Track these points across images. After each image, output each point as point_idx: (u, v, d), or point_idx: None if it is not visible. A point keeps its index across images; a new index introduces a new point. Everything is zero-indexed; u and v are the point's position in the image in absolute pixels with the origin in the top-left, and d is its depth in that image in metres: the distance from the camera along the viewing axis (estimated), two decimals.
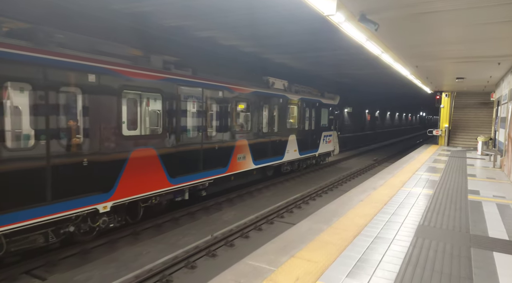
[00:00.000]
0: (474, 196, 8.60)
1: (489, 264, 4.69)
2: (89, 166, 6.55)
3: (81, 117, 6.55)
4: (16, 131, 5.82)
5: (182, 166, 8.86)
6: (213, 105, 10.12)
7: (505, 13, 6.20)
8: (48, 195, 5.94)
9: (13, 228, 5.50)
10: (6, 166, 5.38)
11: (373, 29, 6.27)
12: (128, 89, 7.58)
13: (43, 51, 5.91)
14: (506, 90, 13.67)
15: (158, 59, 8.40)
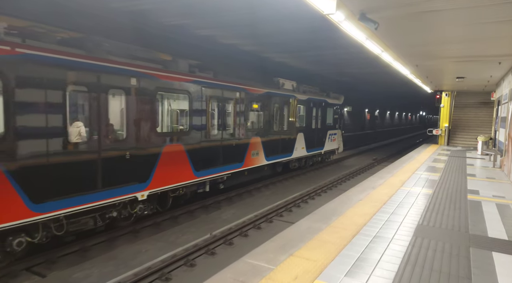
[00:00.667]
0: (474, 196, 8.60)
1: (488, 264, 4.69)
2: (131, 159, 7.44)
3: (124, 116, 7.42)
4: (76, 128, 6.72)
5: (205, 161, 9.69)
6: (231, 105, 10.98)
7: (505, 12, 6.19)
8: (99, 183, 6.79)
9: (72, 211, 6.42)
10: (68, 158, 6.34)
11: (373, 28, 6.26)
12: (162, 90, 8.41)
13: (96, 58, 6.78)
14: (507, 90, 13.66)
15: (184, 63, 9.26)
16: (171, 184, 8.58)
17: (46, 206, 5.99)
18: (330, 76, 23.39)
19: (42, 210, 5.94)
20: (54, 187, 6.11)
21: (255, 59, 15.99)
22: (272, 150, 13.24)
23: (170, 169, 8.46)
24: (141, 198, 7.76)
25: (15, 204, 5.59)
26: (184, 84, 8.90)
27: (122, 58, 7.43)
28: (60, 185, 6.19)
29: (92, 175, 6.71)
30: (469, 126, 23.15)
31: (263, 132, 12.66)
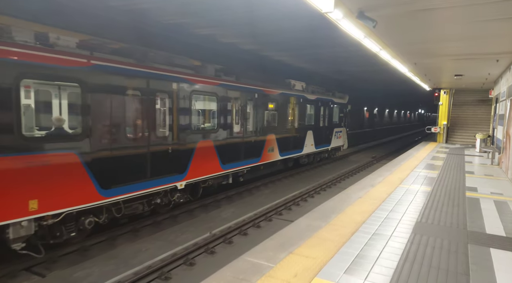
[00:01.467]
0: (472, 193, 8.64)
1: (486, 260, 4.73)
2: (172, 153, 8.52)
3: (167, 116, 8.45)
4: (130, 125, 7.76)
5: (230, 156, 10.76)
6: (250, 105, 12.03)
7: (503, 10, 6.21)
8: (148, 173, 7.88)
9: (129, 197, 7.48)
10: (126, 151, 7.40)
11: (371, 26, 6.28)
12: (196, 93, 9.44)
13: (146, 66, 7.85)
14: (505, 87, 13.70)
15: (211, 68, 10.38)
16: (203, 175, 9.70)
17: (111, 191, 7.11)
18: (328, 74, 23.41)
19: (108, 195, 7.05)
20: (117, 176, 7.22)
21: (254, 58, 15.99)
22: (285, 146, 14.27)
23: (202, 162, 9.58)
24: (180, 187, 8.89)
25: (89, 189, 6.67)
26: (213, 87, 10.02)
27: (164, 65, 8.58)
28: (121, 174, 7.29)
29: (143, 167, 7.82)
30: (468, 124, 23.21)
31: (277, 130, 13.64)
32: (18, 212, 5.66)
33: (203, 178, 9.74)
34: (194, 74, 9.40)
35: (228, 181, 11.16)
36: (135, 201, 7.95)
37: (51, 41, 6.37)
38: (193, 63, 9.87)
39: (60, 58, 6.17)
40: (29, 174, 5.75)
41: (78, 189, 6.46)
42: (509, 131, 11.50)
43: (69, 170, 6.33)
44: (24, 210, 5.71)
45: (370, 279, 4.11)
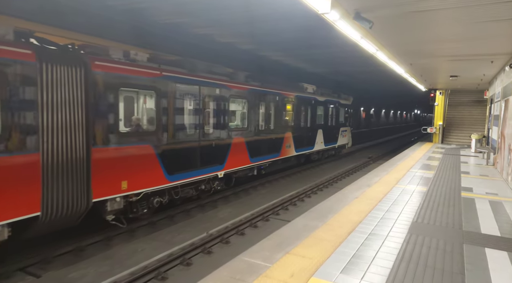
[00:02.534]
0: (468, 193, 8.69)
1: (481, 259, 4.76)
2: (215, 147, 10.22)
3: (212, 116, 10.09)
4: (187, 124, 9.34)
5: (256, 150, 12.27)
6: (273, 107, 13.54)
7: (497, 12, 6.26)
8: (199, 163, 9.50)
9: (185, 182, 9.15)
10: (185, 145, 9.08)
11: (368, 27, 6.30)
12: (232, 97, 10.97)
13: (198, 76, 9.55)
14: (499, 88, 13.80)
15: (242, 74, 11.96)
16: (236, 167, 11.32)
17: (174, 177, 8.69)
18: (325, 74, 23.46)
19: (172, 180, 8.63)
20: (178, 164, 8.78)
21: (252, 58, 16.00)
22: (300, 143, 15.78)
23: (236, 155, 11.17)
24: (220, 176, 10.54)
25: (160, 175, 8.28)
26: (244, 92, 11.60)
27: (207, 73, 10.11)
28: (181, 163, 8.90)
29: (195, 157, 9.45)
30: (463, 124, 23.34)
31: (293, 128, 15.11)
32: (115, 190, 7.28)
33: (236, 169, 11.40)
34: (230, 80, 11.02)
35: (253, 173, 12.71)
36: (187, 186, 9.53)
37: (131, 57, 7.88)
38: (227, 70, 11.37)
39: (143, 71, 7.90)
40: (122, 160, 7.38)
41: (152, 174, 8.10)
42: (504, 131, 11.58)
43: (146, 158, 7.95)
44: (118, 189, 7.34)
45: (367, 278, 4.12)
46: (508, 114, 10.63)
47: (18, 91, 5.68)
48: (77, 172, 6.46)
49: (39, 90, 5.87)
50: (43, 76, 5.93)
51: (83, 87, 6.54)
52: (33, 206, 5.87)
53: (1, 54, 5.47)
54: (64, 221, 6.51)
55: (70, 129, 6.32)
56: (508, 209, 7.40)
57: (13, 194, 5.62)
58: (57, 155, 6.12)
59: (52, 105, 6.03)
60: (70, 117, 6.31)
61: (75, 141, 6.39)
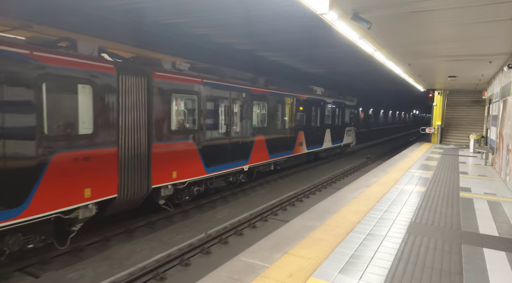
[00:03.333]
0: (466, 194, 8.71)
1: (479, 259, 4.77)
2: (241, 144, 11.65)
3: (238, 117, 11.47)
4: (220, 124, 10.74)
5: (274, 148, 13.66)
6: (288, 108, 14.88)
7: (495, 12, 6.28)
8: (229, 158, 10.96)
9: (218, 174, 10.58)
10: (219, 142, 10.54)
11: (366, 27, 6.31)
12: (255, 100, 12.41)
13: (228, 81, 10.95)
14: (498, 89, 13.83)
15: (262, 79, 13.33)
16: (258, 162, 12.69)
17: (210, 169, 10.16)
18: (324, 74, 23.49)
19: (209, 171, 10.10)
20: (213, 158, 10.21)
21: (250, 58, 16.01)
22: (311, 141, 17.13)
23: (258, 152, 12.60)
24: (245, 169, 12.02)
25: (200, 167, 9.78)
26: (264, 95, 13.01)
27: (235, 79, 11.58)
28: (215, 157, 10.31)
29: (226, 153, 10.89)
30: (461, 125, 23.36)
31: (305, 127, 16.42)
32: (167, 178, 8.67)
33: (258, 164, 12.77)
34: (253, 85, 12.41)
35: (271, 168, 14.11)
36: (219, 177, 10.94)
37: (177, 66, 9.19)
38: (249, 76, 12.83)
39: (189, 79, 9.31)
40: (173, 154, 8.79)
41: (194, 166, 9.55)
42: (502, 132, 11.60)
43: (190, 152, 9.39)
44: (170, 178, 8.75)
45: (365, 279, 4.12)
46: (507, 114, 10.65)
47: (105, 98, 7.02)
48: (142, 163, 7.90)
49: (119, 97, 7.26)
50: (120, 85, 7.31)
51: (146, 94, 7.96)
52: (112, 189, 7.26)
53: (92, 68, 6.75)
54: (130, 203, 7.92)
55: (137, 128, 7.74)
56: (506, 209, 7.41)
57: (100, 179, 6.98)
58: (128, 149, 7.54)
59: (126, 108, 7.44)
60: (137, 118, 7.73)
61: (140, 137, 7.83)
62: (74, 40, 6.92)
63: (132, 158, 7.64)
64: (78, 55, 6.68)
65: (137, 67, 7.91)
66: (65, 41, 6.93)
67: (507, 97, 10.83)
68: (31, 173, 5.84)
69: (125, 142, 7.45)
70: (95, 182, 6.86)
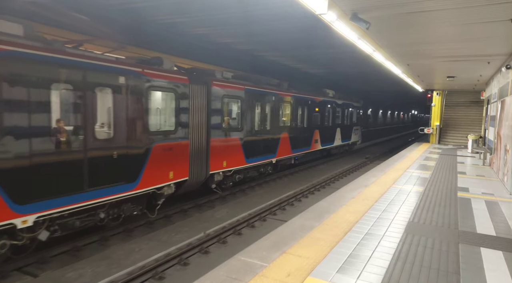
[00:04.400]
0: (464, 193, 8.74)
1: (476, 259, 4.79)
2: (271, 140, 13.77)
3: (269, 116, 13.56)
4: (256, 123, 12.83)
5: (295, 144, 15.65)
6: (307, 109, 16.95)
7: (493, 13, 6.30)
8: (262, 152, 13.11)
9: (253, 165, 12.67)
10: (255, 138, 12.63)
11: (365, 27, 6.33)
12: (281, 102, 14.47)
13: (263, 87, 13.18)
14: (496, 89, 13.87)
15: (285, 83, 15.24)
16: (283, 156, 14.69)
17: (249, 160, 12.30)
18: (322, 74, 23.51)
19: (248, 162, 12.24)
20: (252, 152, 12.33)
21: (249, 58, 16.02)
22: (324, 139, 19.22)
23: (283, 147, 14.59)
24: (273, 162, 14.06)
25: (242, 158, 11.87)
26: (289, 98, 15.03)
27: (266, 84, 13.59)
28: (253, 150, 12.45)
29: (261, 147, 13.02)
30: (460, 125, 23.41)
31: (320, 126, 18.48)
32: (219, 167, 10.76)
33: (283, 158, 14.70)
34: (279, 89, 14.37)
35: (291, 162, 16.11)
36: (253, 168, 13.02)
37: (224, 75, 11.16)
38: (276, 81, 14.67)
39: (235, 86, 11.45)
40: (224, 147, 10.92)
41: (238, 157, 11.67)
42: (500, 132, 11.64)
43: (235, 146, 11.54)
44: (221, 166, 10.84)
45: (363, 278, 4.14)
46: (504, 115, 10.69)
47: (181, 102, 9.12)
48: (203, 154, 10.03)
49: (189, 101, 9.36)
50: (191, 93, 9.42)
51: (206, 99, 10.09)
52: (185, 173, 9.34)
53: (175, 80, 8.94)
54: (194, 186, 10.11)
55: (200, 126, 9.89)
56: (503, 209, 7.45)
57: (178, 165, 9.05)
58: (195, 142, 9.68)
59: (194, 111, 9.56)
60: (200, 118, 9.87)
61: (202, 133, 9.98)
62: (161, 58, 8.84)
63: (197, 150, 9.79)
64: (167, 70, 8.76)
65: (201, 78, 10.10)
66: (156, 60, 8.79)
67: (505, 98, 10.87)
68: (141, 157, 7.91)
69: (193, 137, 9.61)
70: (176, 166, 8.96)
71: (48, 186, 6.06)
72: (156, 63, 8.70)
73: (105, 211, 7.39)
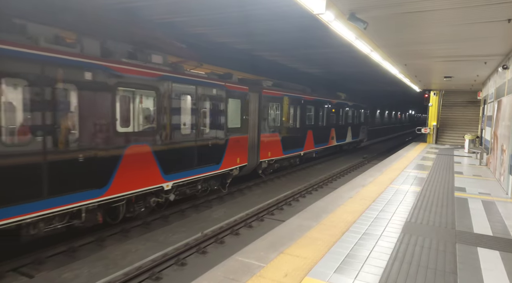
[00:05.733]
0: (461, 193, 8.76)
1: (473, 259, 4.80)
2: (299, 136, 16.70)
3: (298, 116, 16.50)
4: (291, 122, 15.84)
5: (317, 140, 18.63)
6: (325, 110, 19.91)
7: (490, 13, 6.31)
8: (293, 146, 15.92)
9: (288, 157, 15.65)
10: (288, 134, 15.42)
11: (362, 27, 6.33)
12: (307, 104, 17.30)
13: (294, 92, 16.07)
14: (492, 89, 13.92)
15: (309, 89, 18.04)
16: (308, 150, 17.71)
17: (286, 152, 15.13)
18: (320, 74, 23.51)
19: (285, 153, 15.05)
20: (287, 145, 15.20)
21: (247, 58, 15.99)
22: (338, 136, 22.30)
23: (308, 142, 17.49)
24: (302, 154, 16.94)
25: (280, 150, 14.76)
26: (312, 101, 17.83)
27: (295, 90, 16.45)
28: (287, 144, 15.26)
29: (293, 141, 15.80)
30: (457, 125, 23.49)
31: (335, 125, 21.53)
32: (266, 156, 13.75)
33: (308, 151, 17.70)
34: (304, 93, 17.09)
35: (313, 155, 19.24)
36: (287, 159, 15.86)
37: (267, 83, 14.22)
38: (301, 87, 17.29)
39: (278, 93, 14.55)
40: (269, 141, 13.87)
41: (277, 150, 14.55)
42: (496, 132, 11.68)
43: (275, 141, 14.44)
44: (267, 156, 13.79)
45: (360, 278, 4.14)
46: (501, 115, 10.73)
47: (243, 106, 12.22)
48: (255, 146, 13.16)
49: (248, 105, 12.50)
50: (250, 99, 12.62)
51: (258, 103, 13.23)
52: (245, 160, 12.44)
53: (241, 89, 12.13)
54: (249, 170, 13.17)
55: (254, 124, 13.04)
56: (500, 208, 7.47)
57: (241, 153, 12.18)
58: (251, 137, 12.81)
59: (251, 112, 12.71)
60: (254, 118, 13.03)
61: (255, 130, 13.13)
62: (231, 73, 12.16)
63: (252, 143, 12.92)
64: (236, 82, 12.05)
65: (255, 87, 13.20)
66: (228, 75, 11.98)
67: (502, 98, 10.90)
68: (222, 147, 11.11)
69: (250, 133, 12.78)
70: (240, 154, 12.12)
71: (179, 164, 9.28)
72: (228, 77, 11.84)
73: (201, 184, 10.39)
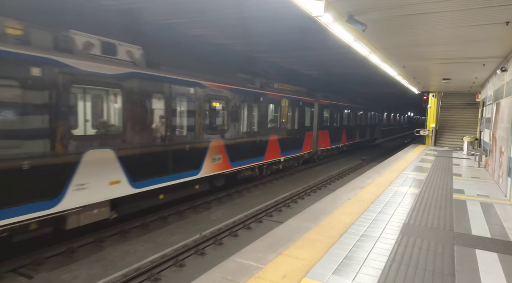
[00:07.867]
0: (459, 195, 8.78)
1: (471, 261, 4.81)
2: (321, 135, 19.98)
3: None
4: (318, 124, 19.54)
5: (332, 139, 21.41)
6: (340, 113, 22.94)
7: (489, 16, 6.34)
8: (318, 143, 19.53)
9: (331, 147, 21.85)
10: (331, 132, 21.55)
11: (361, 29, 6.35)
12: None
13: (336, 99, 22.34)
14: (491, 91, 13.96)
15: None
16: (343, 143, 23.30)
17: (332, 144, 21.28)
18: (318, 75, 23.56)
19: (332, 145, 21.38)
20: (333, 139, 21.38)
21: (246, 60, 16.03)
22: (350, 136, 25.44)
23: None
24: (340, 146, 22.32)
25: (328, 143, 20.76)
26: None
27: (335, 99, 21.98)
28: (333, 139, 21.22)
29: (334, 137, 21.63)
30: (455, 127, 23.53)
31: (347, 126, 24.48)
32: (321, 146, 19.66)
33: (343, 145, 22.95)
34: (343, 100, 22.78)
35: (345, 148, 24.04)
36: (331, 150, 21.32)
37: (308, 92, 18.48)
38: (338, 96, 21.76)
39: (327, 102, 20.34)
40: (321, 136, 19.64)
41: (326, 142, 20.33)
42: (495, 134, 11.71)
43: (326, 135, 20.13)
44: (321, 146, 19.74)
45: (358, 279, 4.15)
46: (500, 117, 10.76)
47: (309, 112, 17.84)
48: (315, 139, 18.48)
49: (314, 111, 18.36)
50: (315, 108, 18.47)
51: (317, 110, 18.67)
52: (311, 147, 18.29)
53: (310, 100, 17.92)
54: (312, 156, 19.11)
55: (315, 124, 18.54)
56: (498, 211, 7.49)
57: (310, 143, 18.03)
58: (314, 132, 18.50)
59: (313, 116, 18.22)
60: (315, 119, 18.47)
61: (315, 128, 18.60)
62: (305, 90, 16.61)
63: (315, 136, 18.18)
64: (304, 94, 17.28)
65: (317, 98, 18.49)
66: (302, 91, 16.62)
67: (500, 100, 10.94)
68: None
69: (314, 130, 17.92)
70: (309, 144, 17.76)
71: (287, 147, 15.24)
72: (303, 92, 17.27)
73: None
